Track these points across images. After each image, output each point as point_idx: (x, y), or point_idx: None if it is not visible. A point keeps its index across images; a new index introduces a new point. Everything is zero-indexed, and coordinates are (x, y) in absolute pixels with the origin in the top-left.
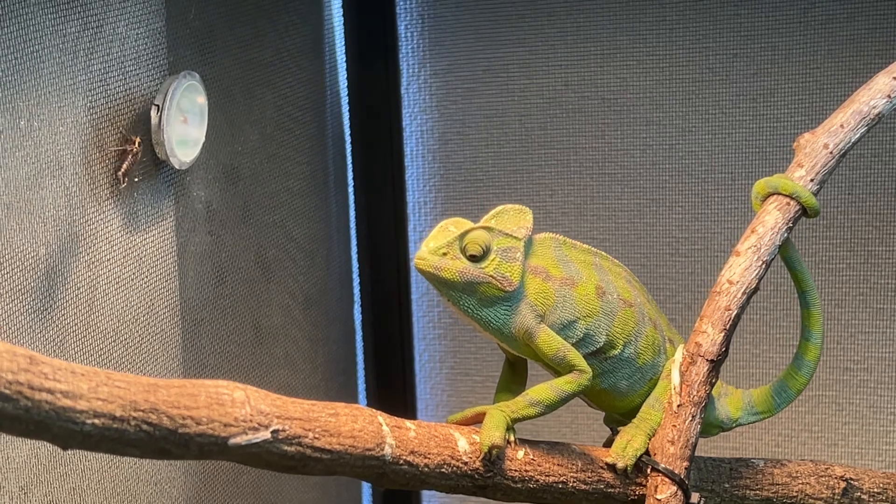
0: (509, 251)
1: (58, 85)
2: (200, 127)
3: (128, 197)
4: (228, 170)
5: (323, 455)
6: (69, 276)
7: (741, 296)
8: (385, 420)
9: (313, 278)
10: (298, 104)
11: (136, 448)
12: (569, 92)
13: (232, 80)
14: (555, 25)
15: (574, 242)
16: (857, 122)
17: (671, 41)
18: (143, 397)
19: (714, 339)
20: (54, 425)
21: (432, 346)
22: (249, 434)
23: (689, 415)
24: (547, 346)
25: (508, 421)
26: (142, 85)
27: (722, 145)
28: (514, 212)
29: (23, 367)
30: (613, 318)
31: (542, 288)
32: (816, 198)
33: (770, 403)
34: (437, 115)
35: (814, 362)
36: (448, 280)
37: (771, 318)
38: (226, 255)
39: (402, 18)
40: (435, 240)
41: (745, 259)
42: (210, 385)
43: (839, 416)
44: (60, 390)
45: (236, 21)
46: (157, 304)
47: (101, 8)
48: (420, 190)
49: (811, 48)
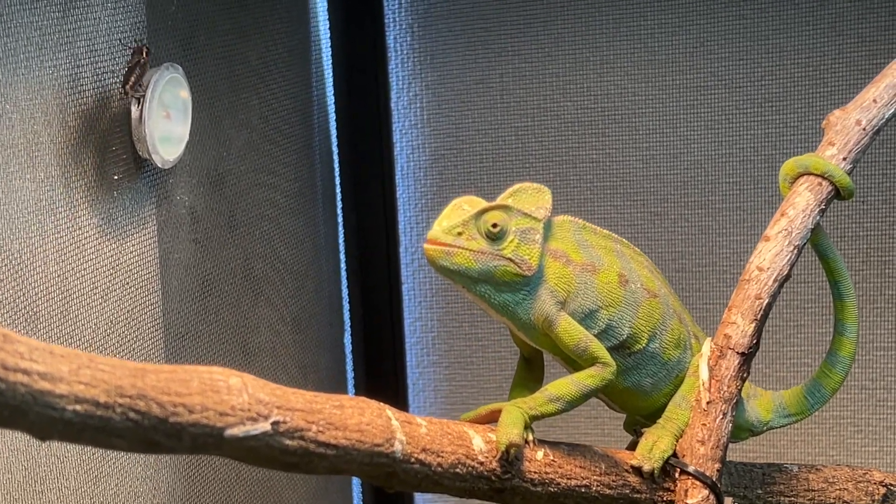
0: (528, 232)
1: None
2: (184, 124)
3: (106, 197)
4: (213, 174)
5: (328, 450)
6: (42, 284)
7: (772, 283)
8: (394, 414)
9: (302, 300)
10: (285, 115)
11: (122, 439)
12: (566, 102)
13: (216, 79)
14: (551, 33)
15: (594, 227)
16: (890, 97)
17: (672, 46)
18: (130, 382)
19: (744, 331)
20: (31, 411)
21: (427, 373)
22: (248, 425)
23: (720, 412)
24: (567, 336)
25: (526, 418)
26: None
27: (727, 153)
28: (532, 191)
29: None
30: (637, 309)
31: (562, 273)
32: (850, 178)
33: (803, 404)
34: (428, 131)
35: (849, 358)
36: (462, 265)
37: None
38: (211, 265)
39: (390, 29)
40: (448, 218)
41: (776, 244)
42: (203, 371)
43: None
44: (38, 371)
45: (220, 18)
46: (138, 316)
47: None
48: (412, 209)
49: (819, 50)
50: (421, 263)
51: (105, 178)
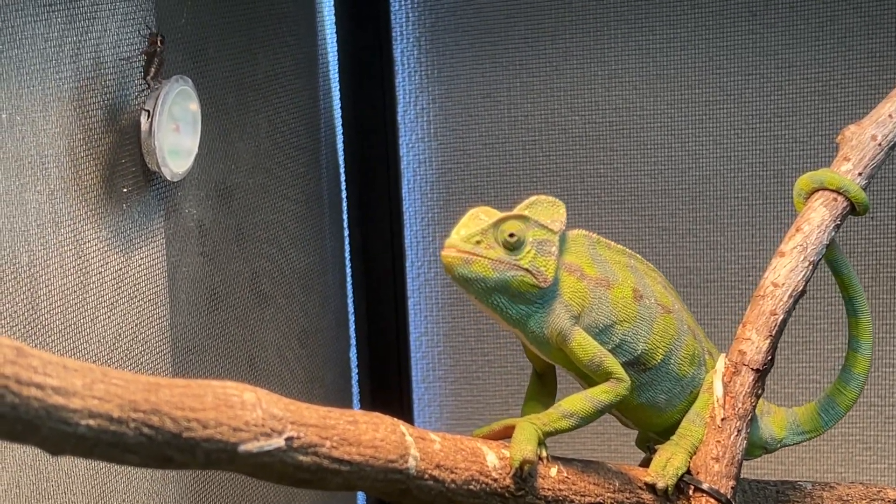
0: (545, 244)
1: (42, 81)
2: (193, 136)
3: (115, 210)
4: (221, 188)
5: (342, 466)
6: (50, 296)
7: (787, 299)
8: (408, 430)
9: (309, 314)
10: (292, 129)
11: (135, 454)
12: (574, 116)
13: (225, 91)
14: (558, 47)
15: (608, 242)
16: None
17: (682, 60)
18: (144, 397)
19: (759, 347)
20: (44, 426)
21: (432, 388)
22: (261, 440)
23: (735, 429)
24: (582, 351)
25: (540, 435)
26: (131, 89)
27: (736, 168)
28: (548, 204)
29: (9, 359)
30: (652, 325)
31: (577, 287)
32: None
33: (817, 422)
34: (435, 145)
35: (863, 375)
36: (480, 274)
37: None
38: (219, 278)
39: (398, 42)
40: (466, 227)
41: (791, 259)
42: (217, 385)
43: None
44: (51, 386)
45: (229, 31)
46: (146, 329)
47: (87, 4)
48: (419, 223)
49: (829, 65)
50: (427, 278)
51: (114, 191)
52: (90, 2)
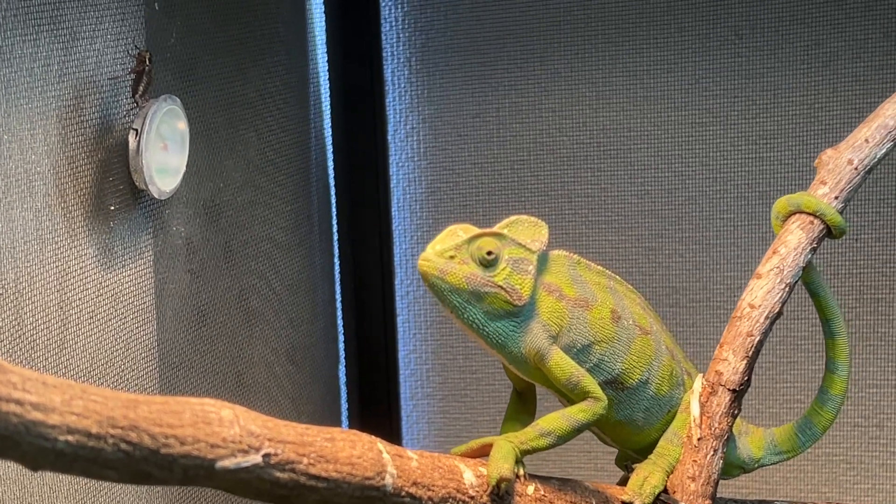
0: (521, 262)
1: (30, 100)
2: (181, 155)
3: (103, 227)
4: (209, 206)
5: (318, 483)
6: (38, 313)
7: (763, 320)
8: (385, 447)
9: (297, 332)
10: (282, 148)
11: (113, 470)
12: (562, 137)
13: (214, 111)
14: (547, 68)
15: (588, 263)
16: (882, 137)
17: (668, 82)
18: (122, 413)
19: (736, 368)
20: (23, 441)
21: (421, 405)
22: (238, 457)
23: (711, 449)
24: (559, 370)
25: (517, 453)
26: (119, 108)
27: (721, 189)
28: (529, 224)
29: None
30: (629, 345)
31: (555, 307)
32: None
33: (794, 442)
34: (425, 164)
35: (840, 397)
36: (453, 285)
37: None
38: (206, 296)
39: (388, 62)
40: (442, 242)
41: (768, 281)
42: (195, 402)
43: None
44: (30, 402)
45: (219, 51)
46: (133, 346)
47: (76, 23)
48: (408, 241)
49: (814, 88)
50: (416, 295)
51: (102, 209)
52: (79, 21)
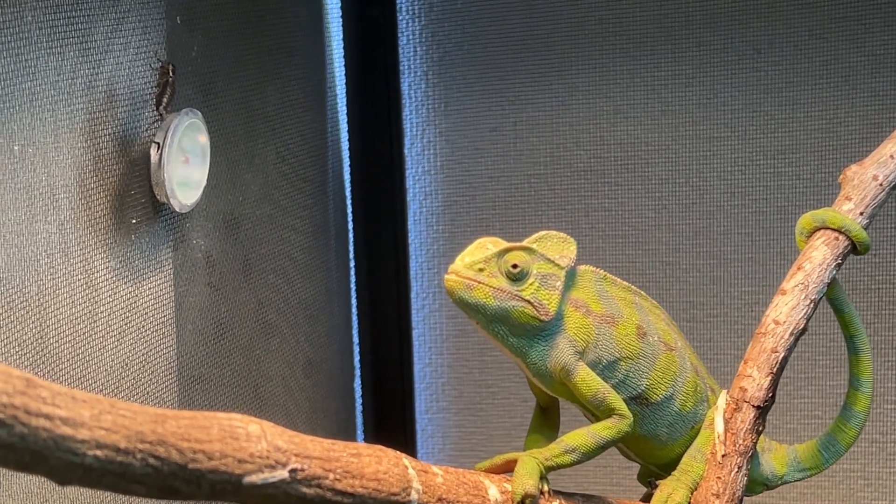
0: (549, 278)
1: (54, 114)
2: (202, 168)
3: (124, 241)
4: (229, 219)
5: (344, 499)
6: (59, 326)
7: (788, 337)
8: (411, 463)
9: (314, 345)
10: (300, 161)
11: (141, 485)
12: (580, 151)
13: (234, 124)
14: (564, 82)
15: (614, 279)
16: None
17: (686, 97)
18: (150, 428)
19: (760, 384)
20: (52, 456)
21: (436, 419)
22: (266, 472)
23: (735, 465)
24: (585, 387)
25: (542, 469)
26: (141, 121)
27: (740, 204)
28: (558, 239)
29: (19, 390)
30: (655, 362)
31: (582, 323)
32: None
33: (818, 459)
34: (441, 177)
35: (864, 413)
36: (481, 300)
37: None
38: (225, 310)
39: (405, 76)
40: (471, 255)
41: (792, 298)
42: (223, 417)
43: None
44: (60, 416)
45: (239, 65)
46: (153, 359)
47: (98, 37)
48: (424, 255)
49: (832, 104)
50: (431, 309)
51: (123, 222)
52: (103, 36)
